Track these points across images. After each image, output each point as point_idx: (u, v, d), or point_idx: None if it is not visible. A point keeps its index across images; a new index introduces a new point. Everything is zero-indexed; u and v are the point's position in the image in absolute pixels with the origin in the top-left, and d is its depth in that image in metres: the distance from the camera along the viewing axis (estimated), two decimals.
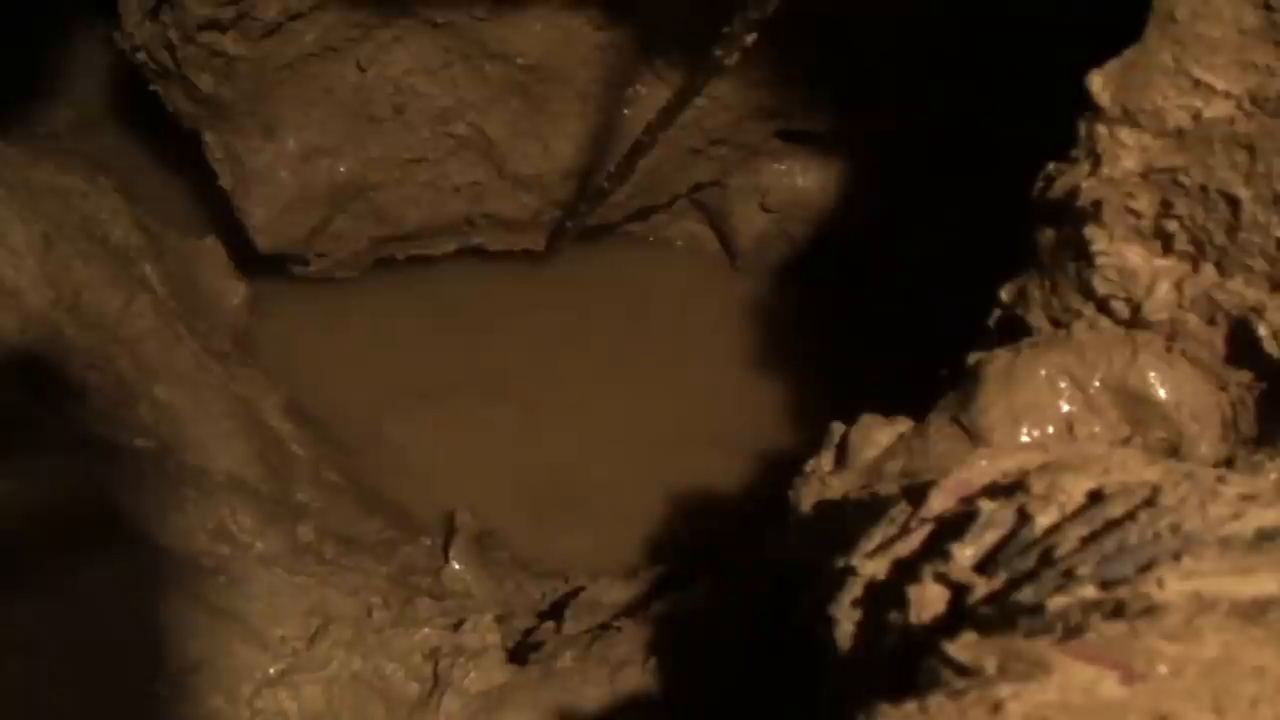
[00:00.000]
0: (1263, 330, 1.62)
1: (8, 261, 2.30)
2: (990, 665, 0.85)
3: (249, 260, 3.01)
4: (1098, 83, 1.62)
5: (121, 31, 2.67)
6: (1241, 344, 1.67)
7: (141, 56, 2.70)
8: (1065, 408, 1.78)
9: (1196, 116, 1.56)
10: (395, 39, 2.80)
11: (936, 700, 0.80)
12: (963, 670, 0.87)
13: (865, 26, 2.84)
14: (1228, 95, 1.53)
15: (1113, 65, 1.61)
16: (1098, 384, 1.78)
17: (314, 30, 2.72)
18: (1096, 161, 1.67)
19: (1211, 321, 1.69)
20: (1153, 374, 1.75)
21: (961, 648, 0.89)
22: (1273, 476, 1.48)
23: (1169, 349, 1.74)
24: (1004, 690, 0.78)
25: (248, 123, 2.84)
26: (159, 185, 3.23)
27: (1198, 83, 1.54)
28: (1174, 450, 1.74)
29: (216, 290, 2.95)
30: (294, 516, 2.33)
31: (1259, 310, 1.62)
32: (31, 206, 2.44)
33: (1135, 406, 1.76)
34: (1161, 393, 1.74)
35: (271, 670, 1.87)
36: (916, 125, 3.03)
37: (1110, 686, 0.78)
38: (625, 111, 2.91)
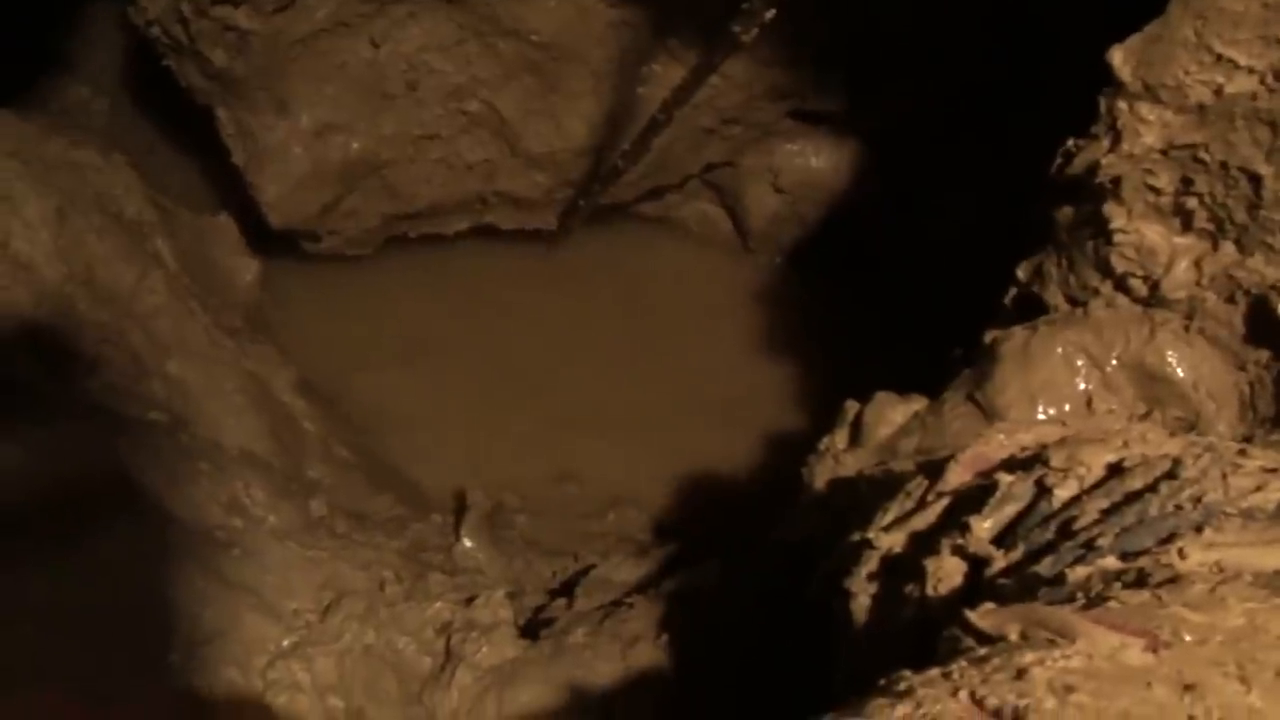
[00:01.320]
0: None
1: (22, 235, 2.30)
2: (1013, 632, 0.85)
3: (261, 237, 3.01)
4: (1119, 57, 1.60)
5: (135, 6, 2.66)
6: (1261, 323, 1.66)
7: (155, 31, 2.70)
8: (1082, 386, 1.77)
9: (1218, 92, 1.55)
10: (409, 15, 2.79)
11: (959, 666, 0.79)
12: (985, 638, 0.87)
13: (879, 6, 2.82)
14: (1251, 70, 1.52)
15: (1134, 40, 1.59)
16: (1115, 362, 1.77)
17: (327, 5, 2.72)
18: (1117, 138, 1.66)
19: (1230, 300, 1.69)
20: (1170, 353, 1.74)
21: (983, 615, 0.88)
22: None
23: (1187, 327, 1.73)
24: (1028, 656, 0.77)
25: (260, 99, 2.83)
26: (172, 161, 3.22)
27: (1220, 57, 1.53)
28: (1191, 429, 1.73)
29: (228, 267, 2.95)
30: (306, 492, 2.33)
31: (1279, 289, 1.61)
32: (46, 180, 2.44)
33: (1152, 385, 1.75)
34: (1179, 371, 1.74)
35: (285, 642, 1.87)
36: (929, 106, 3.02)
37: (1135, 654, 0.77)
38: (639, 90, 2.90)
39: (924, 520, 1.32)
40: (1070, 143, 1.77)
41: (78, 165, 2.57)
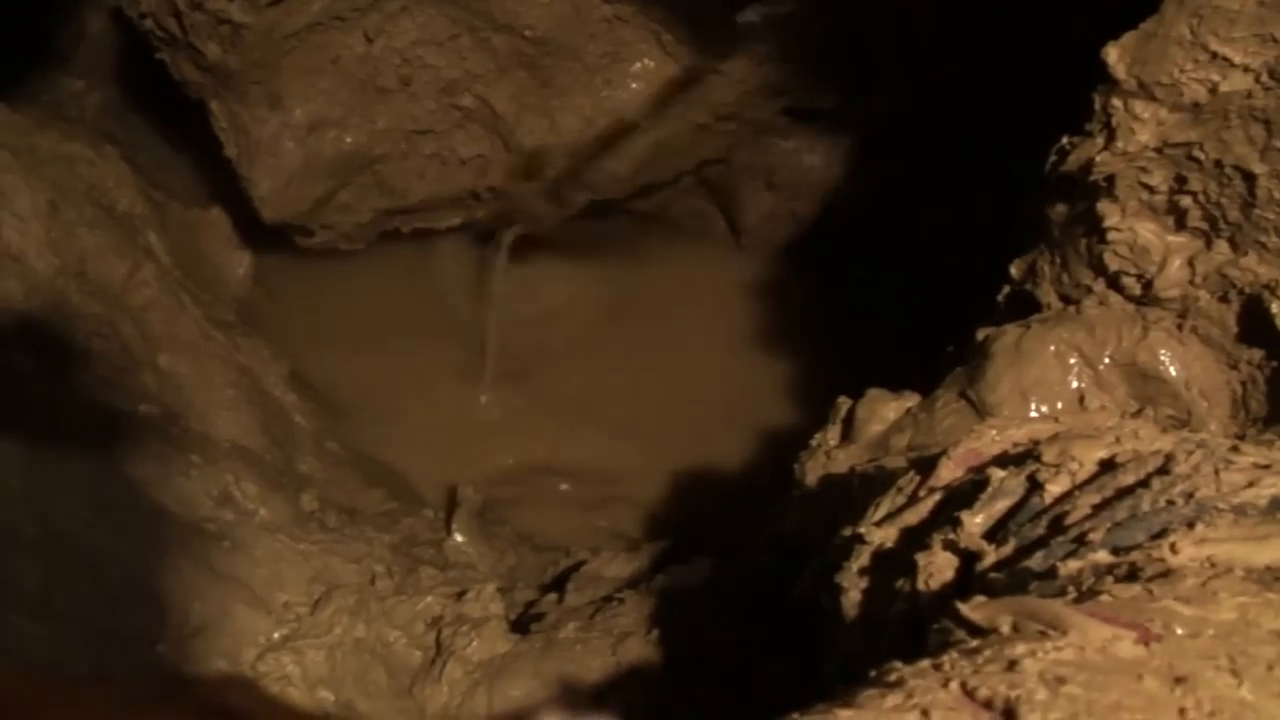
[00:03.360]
0: (1275, 308, 1.61)
1: (14, 227, 2.30)
2: (1004, 624, 0.84)
3: (253, 231, 3.00)
4: (1113, 55, 1.60)
5: None
6: (1253, 322, 1.66)
7: (149, 23, 2.69)
8: (1074, 384, 1.77)
9: (1213, 90, 1.55)
10: (402, 9, 2.78)
11: (950, 658, 0.79)
12: (976, 630, 0.87)
13: (874, 3, 2.82)
14: (1246, 68, 1.51)
15: (1129, 37, 1.59)
16: (1107, 360, 1.77)
17: None
18: (1111, 135, 1.65)
19: (1223, 299, 1.69)
20: (1163, 351, 1.74)
21: (975, 607, 0.88)
22: None
23: (1180, 326, 1.73)
24: (1019, 648, 0.77)
25: (253, 92, 2.82)
26: (164, 154, 3.21)
27: (1215, 55, 1.53)
28: (1183, 428, 1.73)
29: (221, 261, 2.95)
30: (297, 485, 2.33)
31: (1272, 288, 1.61)
32: (38, 173, 2.43)
33: (1145, 384, 1.76)
34: (1172, 370, 1.74)
35: (275, 635, 1.87)
36: (924, 103, 3.02)
37: (1127, 646, 0.77)
38: (633, 86, 2.90)
39: (915, 515, 1.32)
40: (1064, 140, 1.77)
41: (70, 158, 2.57)
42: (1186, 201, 1.65)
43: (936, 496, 1.32)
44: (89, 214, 2.49)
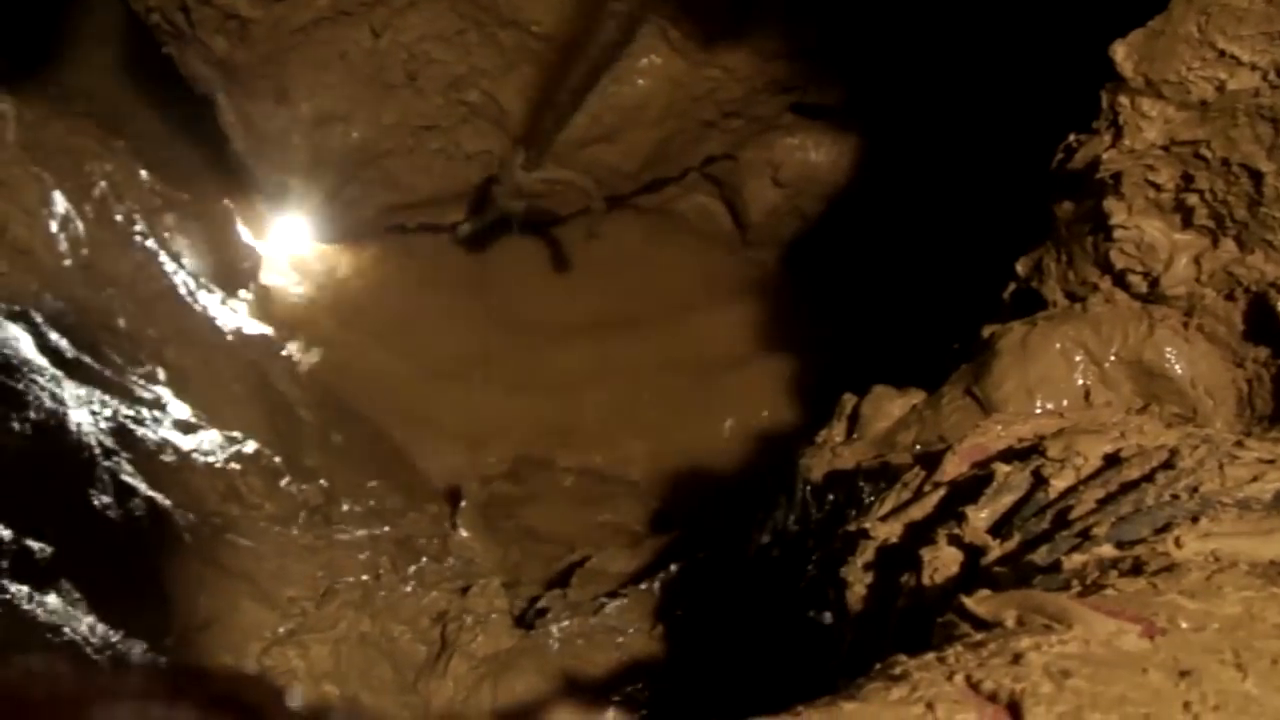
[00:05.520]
0: None
1: (21, 221, 2.30)
2: (1009, 618, 0.84)
3: (261, 225, 3.00)
4: (1121, 52, 1.60)
5: None
6: (1260, 320, 1.66)
7: (156, 18, 2.69)
8: (1080, 381, 1.77)
9: (1220, 88, 1.54)
10: (409, 4, 2.78)
11: (955, 651, 0.79)
12: (981, 623, 0.87)
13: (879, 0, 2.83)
14: (1253, 67, 1.51)
15: (1136, 35, 1.59)
16: (1113, 358, 1.76)
17: None
18: (1118, 133, 1.65)
19: (1230, 297, 1.68)
20: (1169, 349, 1.73)
21: (980, 601, 0.88)
22: None
23: (1186, 324, 1.73)
24: (1024, 641, 0.77)
25: (261, 87, 2.83)
26: (172, 147, 3.21)
27: (1223, 53, 1.52)
28: (1188, 425, 1.73)
29: (229, 254, 2.95)
30: (303, 479, 2.33)
31: (1278, 286, 1.61)
32: (45, 166, 2.44)
33: (1150, 381, 1.75)
34: (1177, 368, 1.73)
35: (280, 629, 1.87)
36: (931, 100, 3.01)
37: (1132, 640, 0.77)
38: (640, 82, 2.90)
39: (921, 510, 1.32)
40: (1071, 138, 1.76)
41: (78, 151, 2.58)
42: (1193, 199, 1.64)
43: (941, 492, 1.32)
44: (97, 207, 2.50)
